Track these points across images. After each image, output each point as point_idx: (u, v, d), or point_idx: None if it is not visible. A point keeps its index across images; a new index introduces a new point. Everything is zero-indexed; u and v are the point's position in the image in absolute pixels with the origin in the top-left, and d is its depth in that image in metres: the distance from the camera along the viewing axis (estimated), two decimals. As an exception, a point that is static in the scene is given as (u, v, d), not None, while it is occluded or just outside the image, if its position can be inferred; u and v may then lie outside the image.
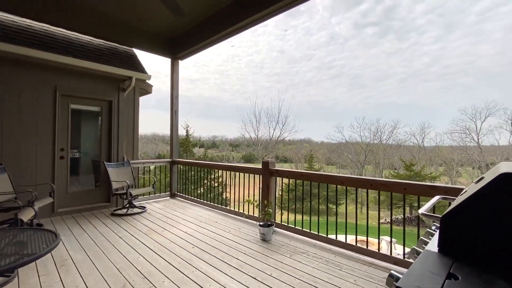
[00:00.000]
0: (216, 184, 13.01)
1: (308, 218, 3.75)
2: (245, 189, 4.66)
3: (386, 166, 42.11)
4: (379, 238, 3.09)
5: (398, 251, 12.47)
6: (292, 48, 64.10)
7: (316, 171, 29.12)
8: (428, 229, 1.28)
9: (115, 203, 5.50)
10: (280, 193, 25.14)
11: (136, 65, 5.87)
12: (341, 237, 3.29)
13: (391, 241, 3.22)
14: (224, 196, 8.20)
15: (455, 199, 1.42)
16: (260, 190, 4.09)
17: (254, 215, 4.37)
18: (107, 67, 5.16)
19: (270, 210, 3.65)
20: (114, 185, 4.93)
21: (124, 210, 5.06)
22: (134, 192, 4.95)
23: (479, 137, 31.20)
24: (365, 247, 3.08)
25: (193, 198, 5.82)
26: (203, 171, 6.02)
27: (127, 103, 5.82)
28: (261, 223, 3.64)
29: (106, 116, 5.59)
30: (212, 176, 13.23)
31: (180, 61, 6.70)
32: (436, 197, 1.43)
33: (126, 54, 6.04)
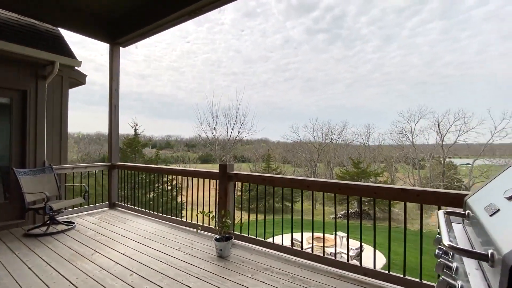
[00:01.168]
0: (169, 187, 11.92)
1: (269, 217, 3.37)
2: (204, 192, 4.06)
3: (336, 164, 45.02)
4: (335, 236, 2.84)
5: (351, 245, 13.14)
6: (249, 48, 64.37)
7: (274, 170, 29.25)
8: (443, 260, 0.94)
9: (31, 220, 4.37)
10: (239, 193, 24.76)
11: (61, 47, 4.77)
12: (297, 235, 2.99)
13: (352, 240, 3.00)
14: (179, 200, 7.40)
15: (465, 214, 1.12)
16: (217, 198, 3.57)
17: (210, 226, 3.82)
18: (18, 47, 4.04)
19: (229, 221, 3.16)
20: (28, 198, 3.86)
21: (44, 229, 4.01)
22: (56, 205, 3.94)
23: (413, 137, 35.39)
24: (333, 257, 2.81)
25: (138, 208, 4.98)
26: (155, 174, 5.21)
27: (51, 94, 4.70)
28: (217, 237, 3.13)
29: (19, 110, 4.41)
30: (165, 179, 12.13)
31: (122, 48, 5.76)
32: (441, 214, 1.12)
33: (49, 34, 4.88)
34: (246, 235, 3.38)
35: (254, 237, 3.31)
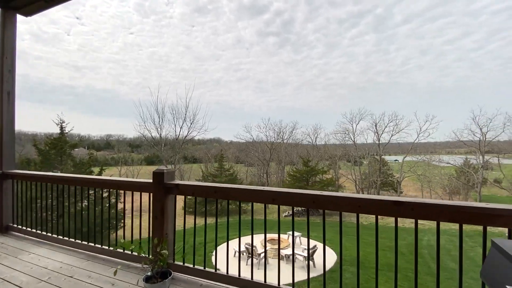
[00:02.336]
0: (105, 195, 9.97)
1: (221, 220, 2.60)
2: (145, 205, 3.06)
3: (287, 163, 46.44)
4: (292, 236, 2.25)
5: (304, 245, 13.18)
6: (200, 45, 62.00)
7: (227, 170, 28.40)
8: None
9: None
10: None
11: None
12: (247, 239, 2.28)
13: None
14: (116, 211, 6.04)
15: None
16: (151, 217, 2.64)
17: (142, 254, 2.85)
18: None
19: (165, 251, 2.28)
20: None
21: None
22: None
23: (354, 137, 38.54)
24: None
25: (43, 233, 3.66)
26: (70, 185, 3.91)
27: None
28: (148, 275, 2.23)
29: None
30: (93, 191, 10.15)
31: (23, 17, 4.29)
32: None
33: None
34: (191, 266, 2.55)
35: (202, 268, 2.50)
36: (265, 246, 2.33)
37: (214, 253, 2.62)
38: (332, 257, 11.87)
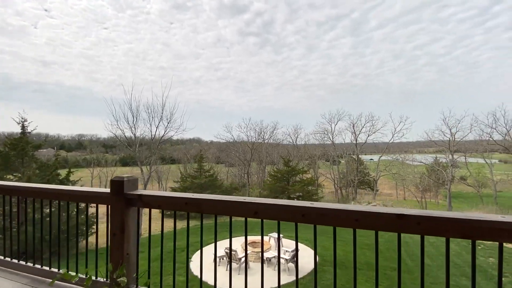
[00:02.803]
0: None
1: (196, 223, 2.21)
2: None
3: (268, 163, 46.46)
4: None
5: (285, 247, 13.00)
6: (179, 43, 60.39)
7: (207, 171, 27.59)
8: None
9: None
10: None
11: None
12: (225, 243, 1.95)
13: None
14: (77, 223, 5.36)
15: None
16: (108, 234, 2.20)
17: (100, 278, 2.40)
18: None
19: (124, 279, 1.87)
20: None
21: None
22: None
23: (333, 137, 39.36)
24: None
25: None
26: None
27: None
28: (102, 309, 1.81)
29: None
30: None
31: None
32: None
33: None
34: (159, 291, 2.14)
35: (171, 294, 2.11)
36: (246, 260, 1.99)
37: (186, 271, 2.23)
38: (313, 257, 11.81)
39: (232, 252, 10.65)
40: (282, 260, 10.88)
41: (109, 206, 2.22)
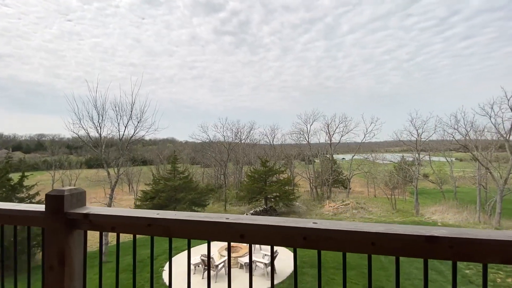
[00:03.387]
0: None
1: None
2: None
3: (245, 163, 46.07)
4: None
5: (264, 250, 12.68)
6: (151, 39, 57.87)
7: (181, 173, 26.39)
8: None
9: None
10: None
11: None
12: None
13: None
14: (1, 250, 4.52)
15: None
16: (44, 267, 1.64)
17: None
18: None
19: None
20: None
21: None
22: None
23: (309, 137, 40.03)
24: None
25: None
26: None
27: None
28: None
29: None
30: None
31: None
32: None
33: None
34: None
35: None
36: (229, 272, 1.56)
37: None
38: (292, 259, 11.60)
39: (205, 259, 10.12)
40: (261, 265, 10.54)
41: (44, 229, 1.67)
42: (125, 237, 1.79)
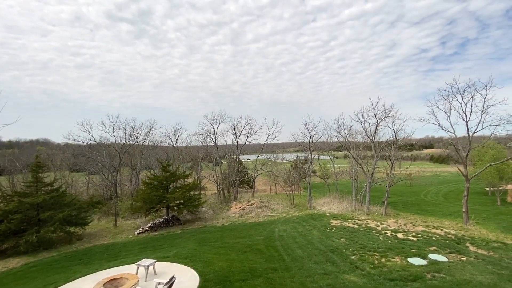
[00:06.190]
0: None
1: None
2: None
3: (143, 168, 40.57)
4: None
5: (159, 274, 10.51)
6: (15, 11, 43.03)
7: (48, 185, 19.91)
8: None
9: None
10: None
11: None
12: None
13: None
14: None
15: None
16: None
17: None
18: None
19: None
20: None
21: None
22: None
23: (216, 138, 39.08)
24: None
25: None
26: None
27: None
28: None
29: None
30: None
31: None
32: None
33: None
34: None
35: None
36: None
37: None
38: (194, 280, 9.99)
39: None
40: (153, 298, 8.43)
41: None
42: None
